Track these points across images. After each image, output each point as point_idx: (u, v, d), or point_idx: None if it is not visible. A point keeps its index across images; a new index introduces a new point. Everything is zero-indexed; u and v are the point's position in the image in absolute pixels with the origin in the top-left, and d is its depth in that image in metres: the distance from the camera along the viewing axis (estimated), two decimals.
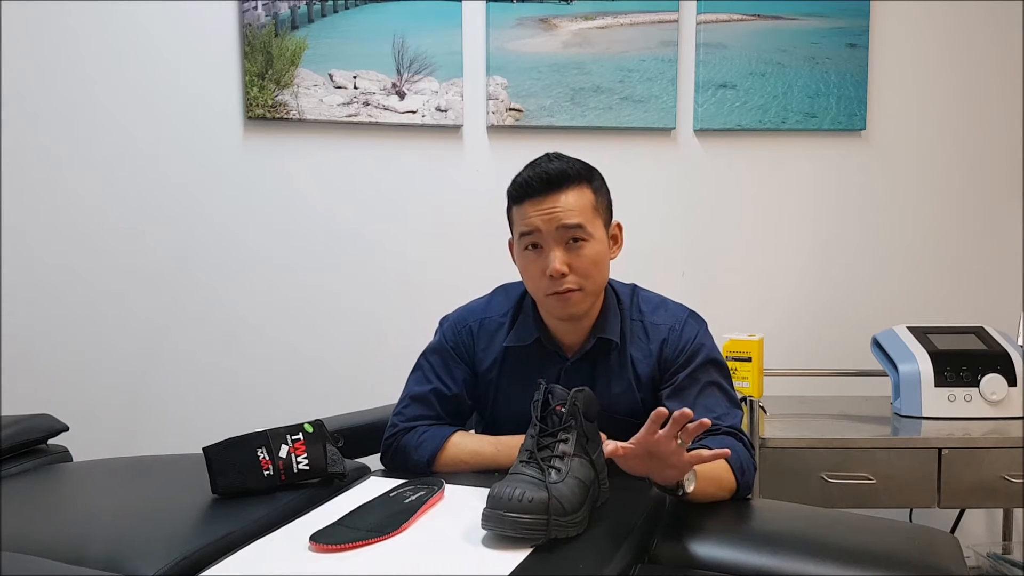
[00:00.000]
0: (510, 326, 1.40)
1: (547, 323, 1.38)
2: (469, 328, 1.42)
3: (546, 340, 1.37)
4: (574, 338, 1.37)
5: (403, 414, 1.39)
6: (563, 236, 1.28)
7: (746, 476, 1.25)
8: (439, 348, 1.42)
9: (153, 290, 2.13)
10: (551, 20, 2.22)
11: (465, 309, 1.46)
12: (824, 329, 2.33)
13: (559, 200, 1.28)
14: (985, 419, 1.88)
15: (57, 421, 1.52)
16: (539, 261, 1.29)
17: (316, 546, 1.01)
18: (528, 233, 1.29)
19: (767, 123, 2.29)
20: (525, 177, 1.30)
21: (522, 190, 1.30)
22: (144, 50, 2.09)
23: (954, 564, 1.07)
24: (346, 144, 2.19)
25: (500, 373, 1.39)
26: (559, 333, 1.38)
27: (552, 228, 1.27)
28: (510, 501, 1.00)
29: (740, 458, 1.25)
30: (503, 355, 1.39)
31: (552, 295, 1.30)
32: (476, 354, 1.41)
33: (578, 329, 1.36)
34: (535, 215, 1.28)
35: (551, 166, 1.29)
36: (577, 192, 1.29)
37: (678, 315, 1.38)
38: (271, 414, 1.56)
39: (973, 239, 2.37)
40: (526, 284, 1.36)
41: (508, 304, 1.42)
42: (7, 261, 2.05)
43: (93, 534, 1.10)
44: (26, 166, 2.05)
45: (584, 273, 1.29)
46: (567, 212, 1.27)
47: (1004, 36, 2.34)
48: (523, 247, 1.31)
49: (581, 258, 1.29)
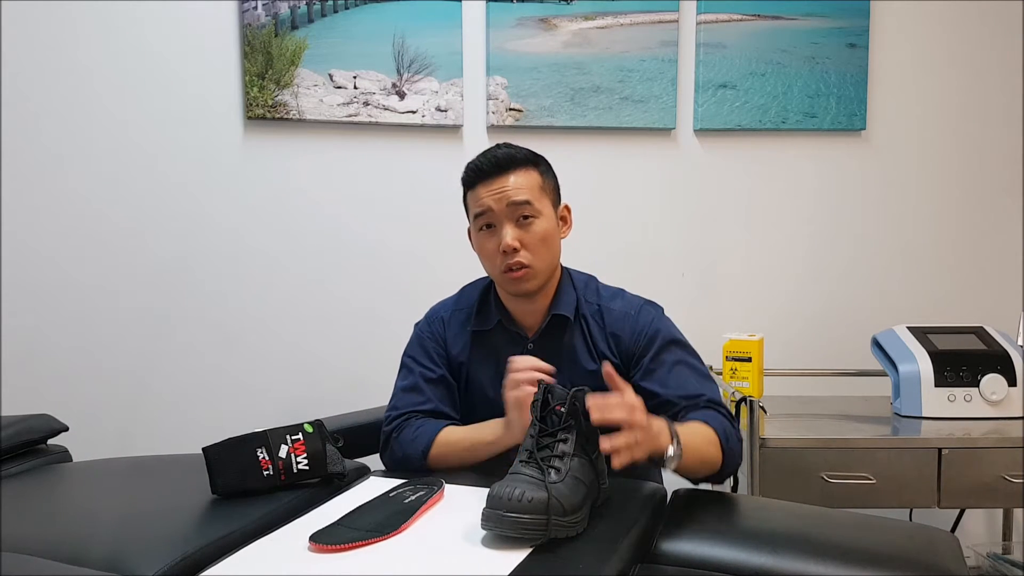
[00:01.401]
0: (476, 314, 1.48)
1: (507, 306, 1.46)
2: (441, 319, 1.51)
3: (507, 322, 1.46)
4: (533, 319, 1.45)
5: (396, 407, 1.45)
6: (513, 213, 1.37)
7: (731, 443, 1.29)
8: (416, 341, 1.51)
9: (153, 290, 2.13)
10: (551, 20, 2.23)
11: (436, 306, 1.56)
12: (824, 329, 2.33)
13: (508, 180, 1.37)
14: (985, 419, 1.88)
15: (57, 421, 1.52)
16: (493, 239, 1.39)
17: (316, 546, 1.01)
18: (482, 214, 1.39)
19: (767, 123, 2.29)
20: (476, 163, 1.41)
21: (474, 174, 1.40)
22: (144, 50, 2.09)
23: (954, 564, 1.07)
24: (346, 144, 2.19)
25: (469, 359, 1.47)
26: (518, 315, 1.46)
27: (503, 206, 1.37)
28: (510, 501, 1.00)
29: (723, 426, 1.30)
30: (470, 340, 1.47)
31: (506, 272, 1.38)
32: (448, 340, 1.49)
33: (535, 310, 1.44)
34: (487, 196, 1.38)
35: (499, 152, 1.40)
36: (524, 173, 1.39)
37: (634, 302, 1.46)
38: (271, 414, 1.57)
39: (973, 239, 2.37)
40: (483, 265, 1.45)
41: (475, 296, 1.51)
42: (7, 261, 2.05)
43: (93, 534, 1.10)
44: (26, 166, 2.06)
45: (534, 248, 1.37)
46: (516, 190, 1.37)
47: (1004, 36, 2.34)
48: (478, 228, 1.41)
49: (531, 234, 1.37)
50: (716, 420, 1.30)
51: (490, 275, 1.46)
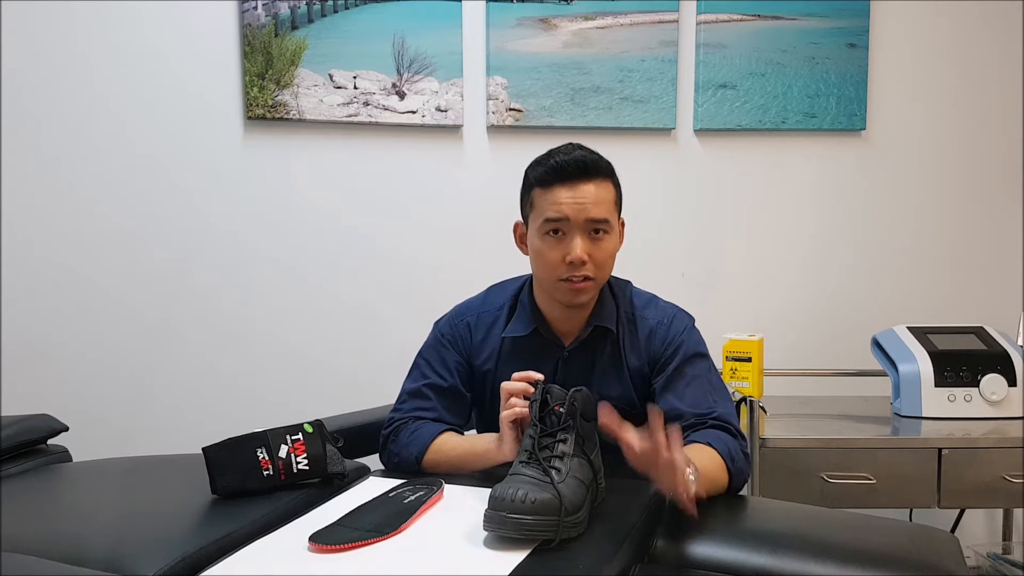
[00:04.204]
0: (507, 318, 1.42)
1: (545, 313, 1.41)
2: (466, 322, 1.45)
3: (544, 330, 1.40)
4: (571, 327, 1.40)
5: (400, 409, 1.43)
6: (588, 227, 1.31)
7: (736, 463, 1.27)
8: (434, 344, 1.45)
9: (153, 290, 2.13)
10: (551, 20, 2.22)
11: (461, 306, 1.48)
12: (824, 329, 2.33)
13: (590, 189, 1.30)
14: (985, 419, 1.88)
15: (57, 421, 1.52)
16: (560, 247, 1.31)
17: (315, 546, 1.01)
18: (555, 220, 1.31)
19: (767, 123, 2.29)
20: (560, 161, 1.31)
21: (555, 174, 1.31)
22: (144, 50, 2.09)
23: (954, 564, 1.07)
24: (346, 144, 2.19)
25: (498, 364, 1.41)
26: (557, 322, 1.40)
27: (581, 219, 1.30)
28: (512, 502, 1.00)
29: (728, 446, 1.27)
30: (500, 346, 1.42)
31: (565, 281, 1.32)
32: (473, 347, 1.43)
33: (576, 318, 1.39)
34: (567, 201, 1.30)
35: (582, 154, 1.31)
36: (604, 184, 1.33)
37: (667, 311, 1.43)
38: (271, 414, 1.56)
39: (973, 239, 2.37)
40: (538, 268, 1.37)
41: (504, 298, 1.45)
42: (7, 261, 2.05)
43: (93, 534, 1.10)
44: (26, 166, 2.05)
45: (601, 264, 1.33)
46: (597, 205, 1.30)
47: (1004, 36, 2.34)
48: (545, 231, 1.32)
49: (601, 250, 1.32)
50: (720, 441, 1.27)
51: (542, 279, 1.38)
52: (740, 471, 1.28)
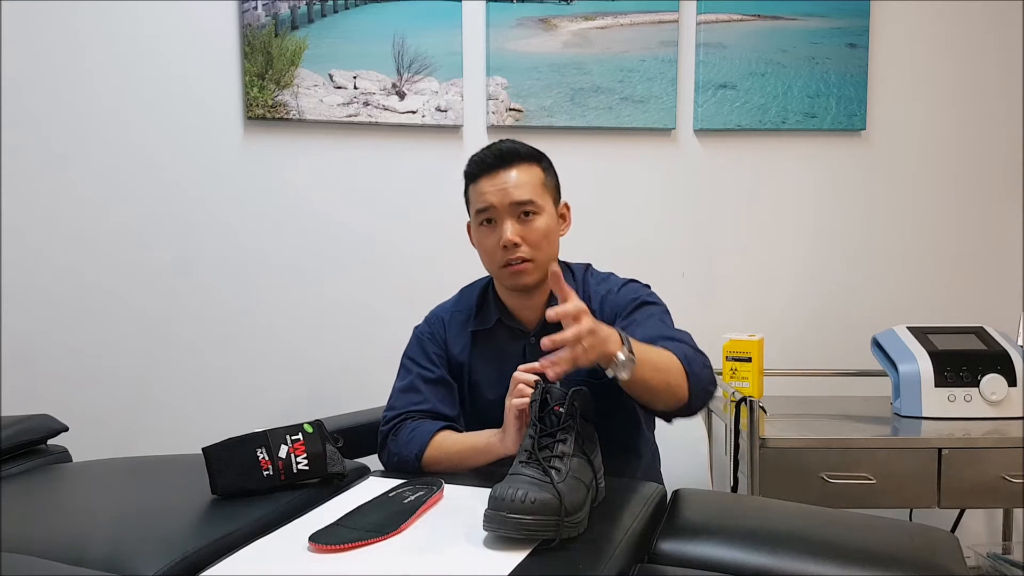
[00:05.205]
0: (476, 313, 1.49)
1: (506, 303, 1.47)
2: (441, 319, 1.52)
3: (507, 319, 1.46)
4: (532, 314, 1.45)
5: (394, 407, 1.46)
6: (515, 210, 1.38)
7: (694, 367, 1.26)
8: (415, 343, 1.52)
9: (153, 290, 2.13)
10: (551, 20, 2.22)
11: (436, 308, 1.56)
12: (824, 329, 2.33)
13: (511, 175, 1.38)
14: (985, 419, 1.88)
15: (57, 421, 1.52)
16: (493, 235, 1.39)
17: (315, 546, 1.01)
18: (484, 209, 1.40)
19: (767, 123, 2.29)
20: (479, 156, 1.42)
21: (477, 167, 1.41)
22: (144, 50, 2.09)
23: (954, 563, 1.07)
24: (346, 144, 2.19)
25: (470, 358, 1.47)
26: (518, 310, 1.46)
27: (505, 203, 1.37)
28: (512, 502, 1.00)
29: (685, 352, 1.27)
30: (471, 340, 1.48)
31: (506, 267, 1.38)
32: (449, 340, 1.49)
33: (534, 305, 1.45)
34: (490, 191, 1.38)
35: (503, 145, 1.41)
36: (527, 169, 1.40)
37: (619, 281, 1.48)
38: (271, 414, 1.56)
39: (973, 239, 2.37)
40: (483, 260, 1.45)
41: (473, 296, 1.52)
42: (7, 261, 2.05)
43: (93, 534, 1.10)
44: (26, 166, 2.06)
45: (535, 244, 1.38)
46: (519, 187, 1.38)
47: (1004, 36, 2.34)
48: (479, 223, 1.42)
49: (532, 231, 1.38)
50: (677, 348, 1.27)
51: (488, 270, 1.46)
52: (698, 377, 1.26)
